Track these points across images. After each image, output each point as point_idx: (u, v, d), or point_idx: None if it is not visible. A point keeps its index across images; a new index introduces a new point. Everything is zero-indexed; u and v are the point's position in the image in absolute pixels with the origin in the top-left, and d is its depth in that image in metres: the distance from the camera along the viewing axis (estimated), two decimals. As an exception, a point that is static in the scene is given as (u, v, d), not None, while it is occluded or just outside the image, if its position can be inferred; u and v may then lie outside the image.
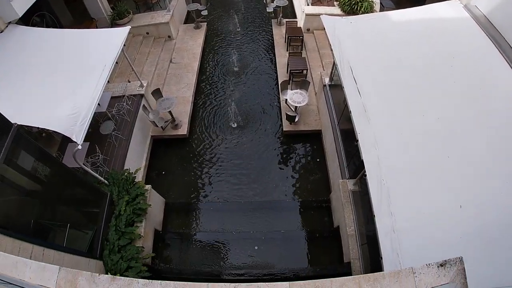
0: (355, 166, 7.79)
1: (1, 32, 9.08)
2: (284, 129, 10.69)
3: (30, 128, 6.90)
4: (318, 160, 10.26)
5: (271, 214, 9.30)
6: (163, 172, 10.66)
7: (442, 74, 6.78)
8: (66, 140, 8.89)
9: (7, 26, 9.23)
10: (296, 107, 10.12)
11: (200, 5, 15.84)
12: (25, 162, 5.97)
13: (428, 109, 6.19)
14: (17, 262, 3.74)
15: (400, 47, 7.55)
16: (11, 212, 5.58)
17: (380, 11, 13.08)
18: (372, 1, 13.19)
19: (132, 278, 3.42)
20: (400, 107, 6.38)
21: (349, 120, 6.59)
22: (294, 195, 9.69)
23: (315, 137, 10.64)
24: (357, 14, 12.84)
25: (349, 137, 7.93)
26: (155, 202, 8.91)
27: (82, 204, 7.78)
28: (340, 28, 8.27)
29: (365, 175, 5.65)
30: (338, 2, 13.76)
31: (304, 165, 10.28)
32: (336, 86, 9.35)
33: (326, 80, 9.89)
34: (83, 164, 7.80)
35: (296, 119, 10.31)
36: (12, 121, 5.35)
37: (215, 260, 8.67)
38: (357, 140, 6.07)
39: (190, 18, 16.93)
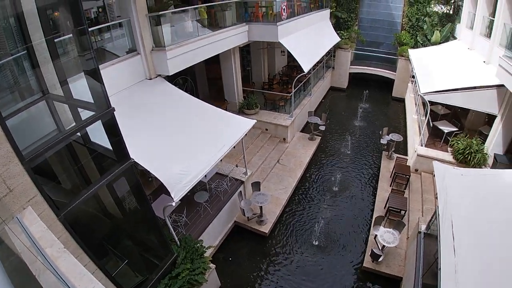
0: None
1: (150, 79, 11.28)
2: (364, 265, 10.36)
3: (138, 164, 7.92)
4: (388, 309, 9.65)
5: None
6: (230, 259, 11.09)
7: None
8: (161, 190, 10.12)
9: (156, 77, 11.45)
10: (384, 246, 9.99)
11: (320, 120, 17.53)
12: (120, 189, 6.98)
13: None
14: (84, 275, 4.09)
15: (510, 212, 7.22)
16: (86, 222, 6.43)
17: (493, 164, 12.82)
18: (487, 154, 13.08)
19: None
20: (496, 278, 6.02)
21: (435, 276, 6.37)
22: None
23: (393, 283, 9.99)
24: (469, 164, 12.84)
25: (429, 295, 7.50)
26: (211, 283, 9.27)
27: (147, 250, 8.45)
28: (449, 179, 8.29)
29: None
30: (452, 149, 13.86)
31: (372, 310, 9.71)
32: (431, 236, 9.02)
33: (423, 227, 9.64)
34: (166, 217, 8.67)
35: (380, 259, 10.07)
36: (131, 156, 6.49)
37: None
38: (437, 302, 5.80)
39: (307, 129, 18.67)
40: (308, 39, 18.78)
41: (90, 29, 8.32)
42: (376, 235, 10.30)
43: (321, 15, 22.21)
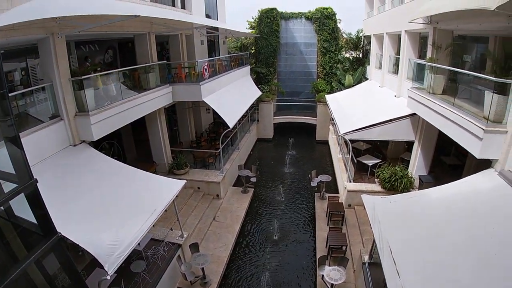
0: None
1: (74, 145, 10.87)
2: (317, 307, 10.55)
3: (66, 238, 7.43)
4: None
5: None
6: (178, 329, 10.51)
7: (482, 248, 6.85)
8: (94, 263, 9.39)
9: (80, 143, 11.07)
10: (332, 284, 10.28)
11: (251, 172, 18.18)
12: (50, 267, 6.56)
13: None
14: None
15: (440, 225, 7.90)
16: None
17: (419, 185, 14.11)
18: (412, 177, 14.47)
19: None
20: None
21: (388, 301, 6.73)
22: None
23: (349, 319, 10.31)
24: (397, 190, 13.92)
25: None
26: None
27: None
28: (379, 208, 9.02)
29: None
30: (378, 179, 15.07)
31: None
32: (375, 265, 9.57)
33: (366, 258, 10.19)
34: (104, 293, 8.15)
35: (331, 298, 10.35)
36: (58, 230, 6.22)
37: None
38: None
39: (239, 182, 19.04)
40: (231, 95, 19.91)
41: (11, 94, 8.01)
42: (322, 275, 10.59)
43: (242, 71, 23.93)
